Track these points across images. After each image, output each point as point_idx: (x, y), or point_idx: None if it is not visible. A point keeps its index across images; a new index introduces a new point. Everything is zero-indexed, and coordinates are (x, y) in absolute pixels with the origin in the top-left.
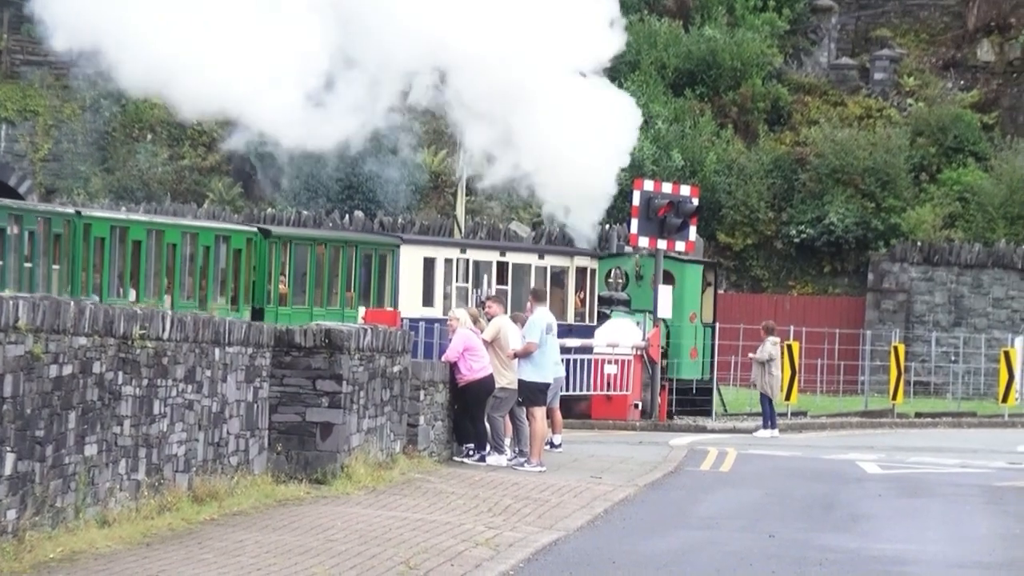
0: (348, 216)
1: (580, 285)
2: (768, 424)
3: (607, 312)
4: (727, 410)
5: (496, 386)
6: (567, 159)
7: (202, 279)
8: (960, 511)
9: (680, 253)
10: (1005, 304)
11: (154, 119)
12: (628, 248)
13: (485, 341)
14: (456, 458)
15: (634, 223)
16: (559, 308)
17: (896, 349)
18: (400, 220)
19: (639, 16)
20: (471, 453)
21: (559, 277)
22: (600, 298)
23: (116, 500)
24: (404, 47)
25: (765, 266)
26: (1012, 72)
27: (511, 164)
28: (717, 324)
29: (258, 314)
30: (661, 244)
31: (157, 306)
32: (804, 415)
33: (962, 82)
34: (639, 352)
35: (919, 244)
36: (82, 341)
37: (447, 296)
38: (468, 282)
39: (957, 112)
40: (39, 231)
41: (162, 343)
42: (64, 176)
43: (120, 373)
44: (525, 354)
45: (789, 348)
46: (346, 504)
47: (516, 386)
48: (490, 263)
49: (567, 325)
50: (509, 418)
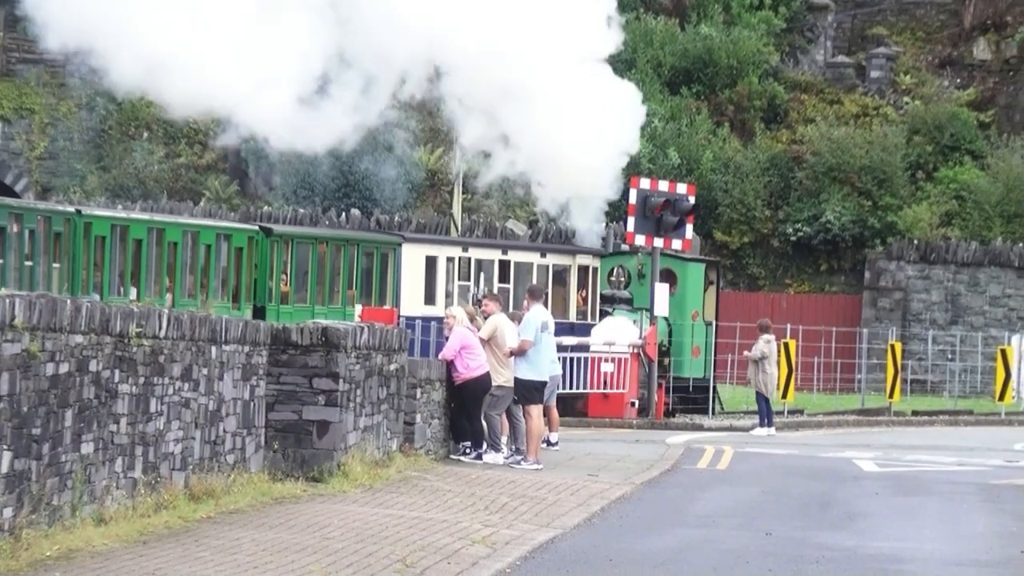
0: (345, 214)
1: (582, 284)
2: (765, 422)
3: (609, 310)
4: (723, 408)
5: (493, 384)
6: (567, 155)
7: (203, 278)
8: (957, 509)
9: (677, 251)
10: (1002, 302)
11: (150, 117)
12: (625, 246)
13: (482, 339)
14: (453, 456)
15: (631, 221)
16: (561, 307)
17: (893, 347)
18: (397, 218)
19: (635, 14)
20: (468, 451)
21: (561, 276)
22: (603, 296)
23: (113, 498)
24: (401, 44)
25: (762, 264)
26: (1008, 70)
27: (508, 161)
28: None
29: (259, 312)
30: (658, 242)
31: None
32: (801, 413)
33: (958, 80)
34: (636, 350)
35: (916, 242)
36: (78, 339)
37: (449, 295)
38: (470, 281)
39: (953, 110)
40: (39, 230)
41: (159, 341)
42: (60, 174)
43: (117, 371)
44: (520, 352)
45: (786, 346)
46: (343, 502)
47: (513, 384)
48: (492, 261)
49: (569, 323)
50: (506, 416)
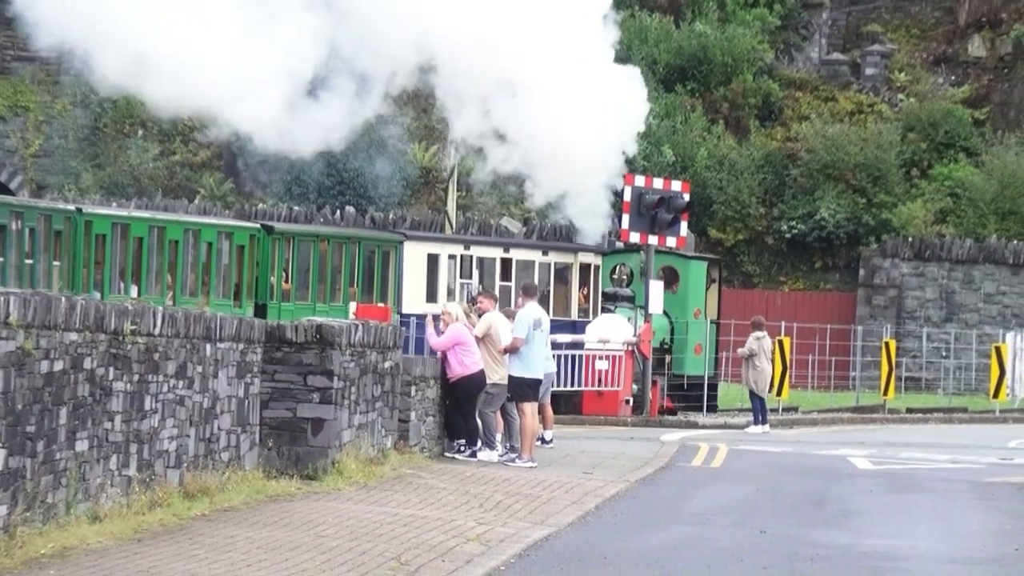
0: (340, 212)
1: (584, 281)
2: (759, 420)
3: (611, 308)
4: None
5: (487, 382)
6: (564, 148)
7: (205, 276)
8: (951, 507)
9: (672, 248)
10: (996, 300)
11: (145, 115)
12: (619, 244)
13: (477, 337)
14: (447, 454)
15: (625, 218)
16: (563, 305)
17: (887, 345)
18: (392, 215)
19: (630, 12)
20: (462, 449)
21: (563, 273)
22: (605, 294)
23: (107, 496)
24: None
25: (756, 262)
26: (1003, 67)
27: (502, 158)
28: (708, 320)
29: (261, 310)
30: (652, 240)
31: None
32: (795, 411)
33: (953, 77)
34: (630, 348)
35: (910, 240)
36: (73, 337)
37: (451, 293)
38: (471, 278)
39: (948, 107)
40: (40, 228)
41: (153, 339)
42: (55, 172)
43: (111, 369)
44: (512, 350)
45: (780, 344)
46: (337, 500)
47: (507, 381)
48: (494, 259)
49: (571, 321)
50: (500, 414)
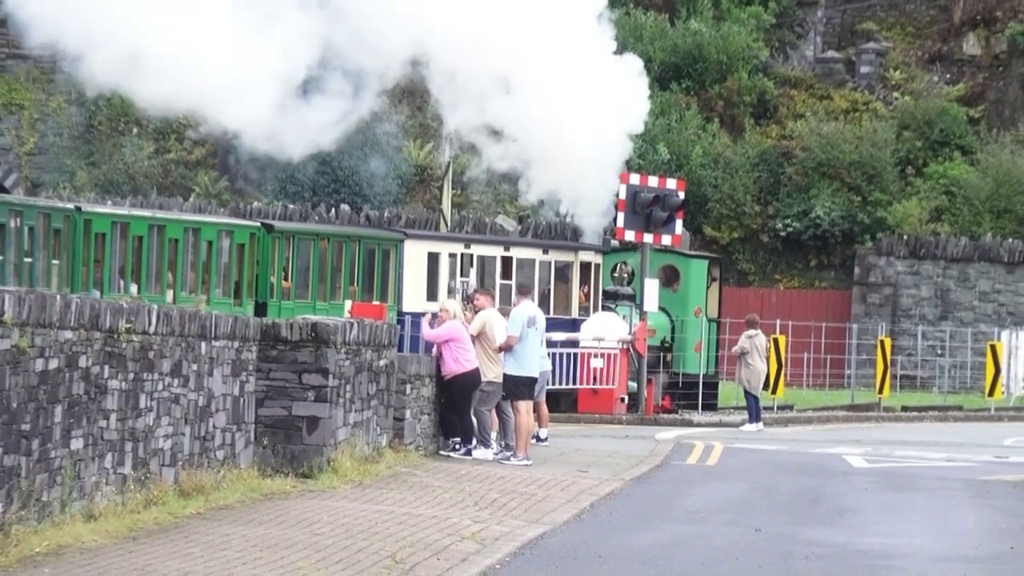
0: (335, 210)
1: (584, 280)
2: (753, 418)
3: (612, 307)
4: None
5: (483, 380)
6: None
7: (204, 274)
8: (946, 505)
9: (668, 246)
10: (991, 298)
11: (140, 113)
12: (614, 242)
13: (472, 335)
14: (442, 452)
15: (620, 217)
16: (564, 303)
17: (882, 343)
18: (387, 214)
19: (625, 10)
20: (457, 447)
21: (563, 272)
22: (605, 292)
23: (102, 494)
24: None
25: (751, 260)
26: (998, 66)
27: (498, 155)
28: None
29: (261, 309)
30: (647, 238)
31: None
32: (790, 409)
33: (948, 76)
34: (625, 346)
35: (905, 238)
36: (68, 335)
37: (451, 291)
38: (472, 277)
39: (943, 106)
40: (39, 226)
41: (148, 337)
42: (49, 170)
43: (106, 367)
44: (506, 348)
45: (776, 342)
46: (332, 498)
47: (502, 380)
48: (494, 258)
49: (571, 320)
50: (496, 412)
